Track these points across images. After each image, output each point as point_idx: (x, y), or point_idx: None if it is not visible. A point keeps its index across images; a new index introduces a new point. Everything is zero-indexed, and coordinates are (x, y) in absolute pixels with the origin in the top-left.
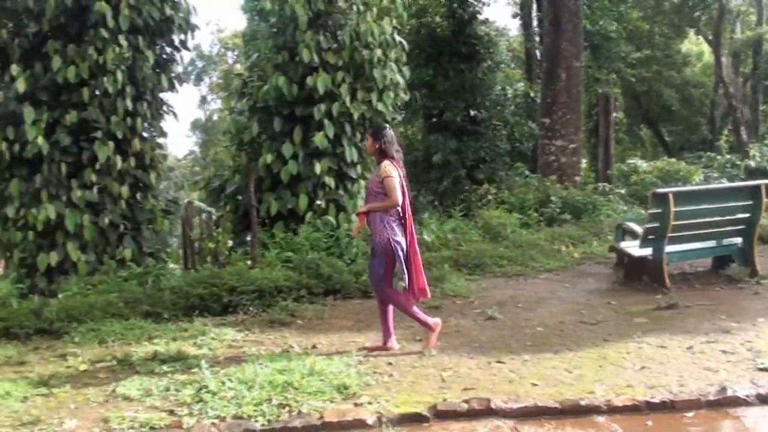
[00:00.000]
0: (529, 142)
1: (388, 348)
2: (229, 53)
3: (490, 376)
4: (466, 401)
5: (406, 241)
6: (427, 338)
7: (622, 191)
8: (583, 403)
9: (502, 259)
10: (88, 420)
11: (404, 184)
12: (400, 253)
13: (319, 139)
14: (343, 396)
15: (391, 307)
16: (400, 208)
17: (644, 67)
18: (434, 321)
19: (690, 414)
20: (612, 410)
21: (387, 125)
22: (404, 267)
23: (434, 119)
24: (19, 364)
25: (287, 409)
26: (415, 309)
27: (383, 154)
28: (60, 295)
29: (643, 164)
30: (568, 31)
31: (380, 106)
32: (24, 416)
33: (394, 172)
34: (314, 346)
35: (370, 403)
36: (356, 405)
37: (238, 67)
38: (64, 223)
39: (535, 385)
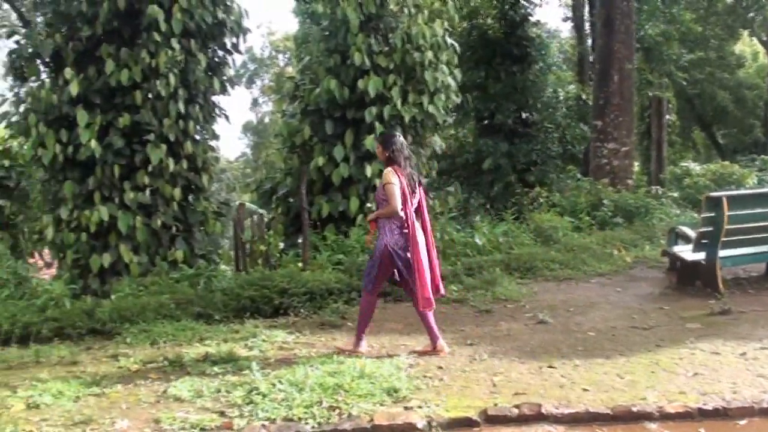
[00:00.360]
0: (580, 145)
1: (438, 351)
2: (280, 56)
3: (541, 380)
4: (516, 406)
5: (408, 249)
6: (348, 347)
7: (675, 194)
8: (635, 409)
9: (553, 262)
10: (140, 420)
11: (408, 190)
12: (398, 260)
13: (370, 142)
14: (393, 399)
15: (430, 313)
16: (402, 215)
17: (697, 69)
18: (366, 348)
19: (743, 422)
20: (664, 417)
21: (397, 133)
22: (406, 275)
23: (485, 122)
24: (72, 364)
25: (337, 411)
26: (363, 328)
27: (391, 161)
28: (112, 296)
29: (696, 167)
30: (621, 33)
31: (431, 109)
32: (76, 416)
33: (394, 179)
34: None
35: (420, 407)
36: (406, 408)
37: (290, 70)
38: (116, 225)
39: (586, 390)
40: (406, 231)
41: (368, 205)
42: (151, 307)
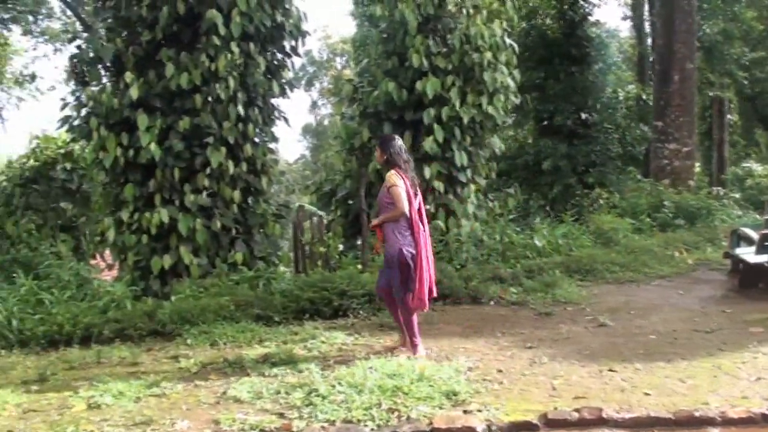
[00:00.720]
0: (641, 146)
1: (400, 347)
2: (338, 59)
3: (602, 384)
4: (577, 410)
5: (417, 250)
6: (404, 345)
7: (737, 196)
8: (697, 414)
9: (613, 265)
10: (200, 421)
11: (411, 192)
12: (411, 261)
13: (428, 144)
14: (452, 402)
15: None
16: (408, 217)
17: (759, 67)
18: (423, 351)
19: None
20: (727, 422)
21: (395, 136)
22: (414, 276)
23: (545, 123)
24: (133, 364)
25: (396, 414)
26: (415, 324)
27: (390, 164)
28: (173, 298)
29: (758, 168)
30: (682, 32)
31: (490, 110)
32: (137, 416)
33: (399, 181)
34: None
35: (479, 410)
36: (465, 412)
37: (347, 72)
38: (177, 227)
39: (647, 394)
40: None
41: (427, 206)
42: (211, 308)
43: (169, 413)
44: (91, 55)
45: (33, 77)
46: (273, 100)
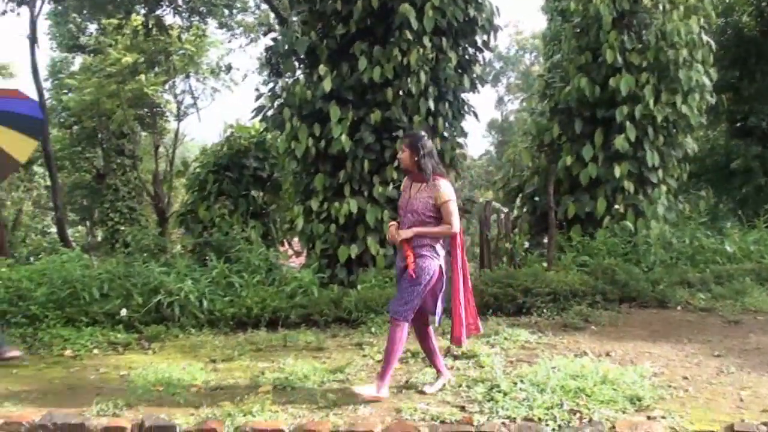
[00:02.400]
0: None
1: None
2: (527, 55)
3: None
4: (765, 423)
5: (451, 274)
6: (371, 387)
7: None
8: None
9: None
10: (381, 409)
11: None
12: (443, 281)
13: (619, 142)
14: (635, 407)
15: (433, 336)
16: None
17: None
18: (386, 393)
19: None
20: None
21: (424, 133)
22: (443, 302)
23: (738, 124)
24: (318, 349)
25: (578, 415)
26: (391, 366)
27: (424, 169)
28: (358, 287)
29: None
30: None
31: (684, 109)
32: (320, 400)
33: (453, 194)
34: (608, 354)
35: (663, 417)
36: (649, 418)
37: (536, 69)
38: (365, 218)
39: None
40: (454, 253)
41: (616, 206)
42: None
43: (352, 399)
44: (286, 47)
45: (229, 68)
46: (463, 95)
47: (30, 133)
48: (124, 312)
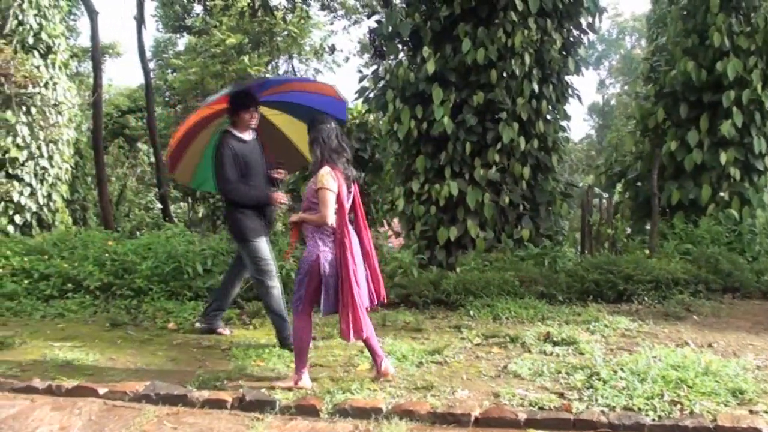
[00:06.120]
0: None
1: (383, 374)
2: (627, 38)
3: None
4: None
5: (338, 264)
6: (288, 383)
7: None
8: None
9: None
10: (479, 392)
11: (344, 194)
12: (330, 273)
13: (726, 128)
14: (737, 401)
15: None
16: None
17: None
18: (308, 383)
19: None
20: None
21: (326, 118)
22: (330, 293)
23: None
24: (416, 330)
25: (679, 407)
26: (303, 358)
27: (320, 158)
28: (458, 269)
29: None
30: None
31: None
32: (418, 381)
33: (331, 184)
34: (710, 345)
35: (766, 411)
36: (751, 412)
37: (638, 51)
38: (465, 200)
39: None
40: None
41: (721, 194)
42: (495, 282)
43: (450, 381)
44: (390, 30)
45: (333, 49)
46: (566, 78)
47: None
48: None
